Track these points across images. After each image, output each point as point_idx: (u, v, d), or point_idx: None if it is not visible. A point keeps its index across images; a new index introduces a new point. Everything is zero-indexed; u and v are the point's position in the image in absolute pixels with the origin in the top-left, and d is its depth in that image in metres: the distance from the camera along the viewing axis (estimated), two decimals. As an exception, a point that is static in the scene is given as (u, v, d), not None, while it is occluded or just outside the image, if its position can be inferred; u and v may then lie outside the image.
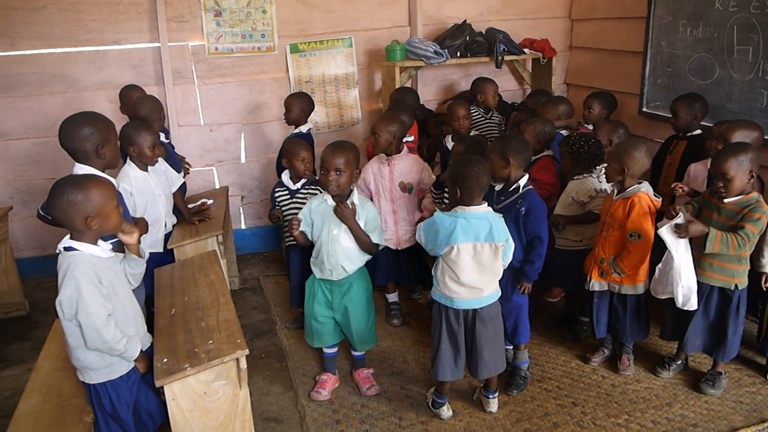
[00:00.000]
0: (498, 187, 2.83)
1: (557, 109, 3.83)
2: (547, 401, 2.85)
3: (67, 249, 2.03)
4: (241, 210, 4.76)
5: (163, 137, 3.50)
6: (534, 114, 3.81)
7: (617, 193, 2.84)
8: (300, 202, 3.23)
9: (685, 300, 2.70)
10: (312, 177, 3.33)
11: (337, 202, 2.72)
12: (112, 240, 2.25)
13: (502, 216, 2.57)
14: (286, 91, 4.45)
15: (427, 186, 3.35)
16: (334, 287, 2.82)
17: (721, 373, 2.90)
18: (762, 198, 2.64)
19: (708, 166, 3.16)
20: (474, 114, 4.10)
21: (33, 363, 2.56)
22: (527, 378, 2.97)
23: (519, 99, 5.07)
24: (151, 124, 3.21)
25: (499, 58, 4.39)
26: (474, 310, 2.55)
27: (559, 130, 3.67)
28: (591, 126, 3.84)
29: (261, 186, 4.74)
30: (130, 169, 3.04)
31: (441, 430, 2.69)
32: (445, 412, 2.76)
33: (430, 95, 4.94)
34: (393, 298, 3.65)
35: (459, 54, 4.43)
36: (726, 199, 2.65)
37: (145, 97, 3.54)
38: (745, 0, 3.37)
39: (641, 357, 3.14)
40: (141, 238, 2.27)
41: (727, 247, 2.58)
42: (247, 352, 2.14)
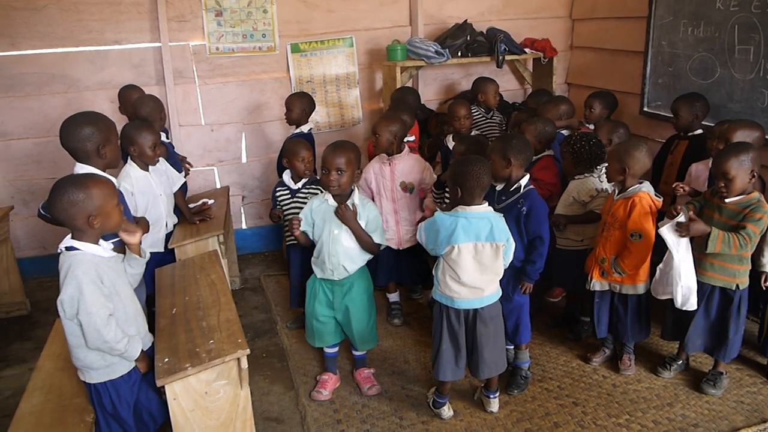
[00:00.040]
0: (499, 186, 2.83)
1: (558, 108, 3.83)
2: (548, 401, 2.85)
3: (69, 248, 2.04)
4: (242, 210, 4.76)
5: (163, 137, 3.50)
6: (535, 114, 3.80)
7: (618, 193, 2.84)
8: (301, 202, 3.23)
9: (684, 300, 2.70)
10: (313, 177, 3.33)
11: (338, 203, 2.72)
12: (114, 240, 2.25)
13: (503, 216, 2.57)
14: (287, 91, 4.45)
15: (429, 186, 3.35)
16: (335, 287, 2.82)
17: (722, 373, 2.90)
18: (763, 198, 2.64)
19: (709, 166, 3.15)
20: (475, 114, 4.10)
21: (34, 362, 2.57)
22: (528, 378, 2.97)
23: (520, 99, 5.06)
24: (151, 124, 3.21)
25: (500, 57, 4.39)
26: (475, 310, 2.55)
27: (560, 130, 3.67)
28: (592, 126, 3.84)
29: (262, 186, 4.74)
30: (131, 168, 3.05)
31: (442, 429, 2.69)
32: (446, 411, 2.76)
33: (431, 95, 4.93)
34: (394, 297, 3.65)
35: (460, 54, 4.43)
36: (727, 199, 2.65)
37: (145, 97, 3.53)
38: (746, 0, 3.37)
39: (642, 357, 3.14)
40: (142, 238, 2.27)
41: (729, 247, 2.58)
42: (248, 351, 2.14)
